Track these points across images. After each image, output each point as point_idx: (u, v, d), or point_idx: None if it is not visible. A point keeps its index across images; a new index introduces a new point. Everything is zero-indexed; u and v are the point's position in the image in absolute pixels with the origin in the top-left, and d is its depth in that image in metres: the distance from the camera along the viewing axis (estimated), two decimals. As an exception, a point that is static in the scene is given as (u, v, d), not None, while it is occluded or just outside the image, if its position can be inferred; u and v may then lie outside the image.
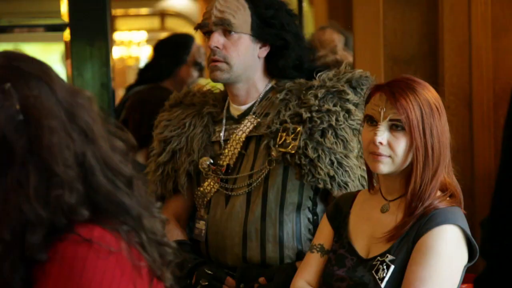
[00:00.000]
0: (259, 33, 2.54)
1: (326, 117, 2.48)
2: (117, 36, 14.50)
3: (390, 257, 2.05)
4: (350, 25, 4.02)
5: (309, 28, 8.05)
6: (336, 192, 2.46)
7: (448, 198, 2.09)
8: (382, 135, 2.06)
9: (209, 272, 2.50)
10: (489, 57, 3.40)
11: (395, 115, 2.05)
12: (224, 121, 2.63)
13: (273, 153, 2.49)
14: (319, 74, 2.56)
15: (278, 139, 2.49)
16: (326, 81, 2.53)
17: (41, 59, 1.48)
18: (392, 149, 2.06)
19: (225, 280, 2.50)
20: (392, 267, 2.04)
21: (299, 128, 2.48)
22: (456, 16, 3.42)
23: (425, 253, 2.01)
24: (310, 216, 2.53)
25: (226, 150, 2.59)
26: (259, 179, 2.52)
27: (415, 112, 2.04)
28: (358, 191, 2.29)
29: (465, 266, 2.08)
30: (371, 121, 2.10)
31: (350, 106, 2.50)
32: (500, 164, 2.91)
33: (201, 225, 2.60)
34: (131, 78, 16.64)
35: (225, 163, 2.58)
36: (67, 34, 4.35)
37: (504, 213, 2.82)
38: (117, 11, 14.32)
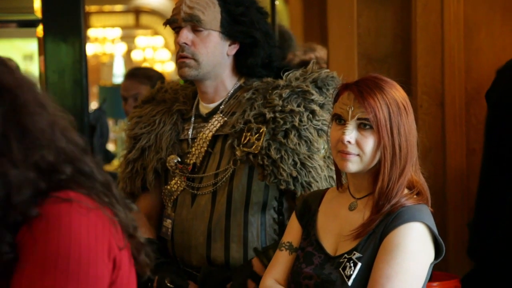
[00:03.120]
0: (229, 30, 2.52)
1: (290, 117, 2.46)
2: (91, 32, 14.43)
3: (357, 254, 2.06)
4: (324, 24, 4.03)
5: (284, 25, 8.05)
6: (300, 193, 2.45)
7: (415, 196, 2.10)
8: (350, 134, 2.07)
9: (170, 285, 2.47)
10: (461, 57, 3.42)
11: (363, 114, 2.06)
12: (192, 119, 2.62)
13: (237, 153, 2.48)
14: (286, 73, 2.55)
15: (242, 139, 2.48)
16: (292, 80, 2.52)
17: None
18: (360, 147, 2.07)
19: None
20: (359, 264, 2.05)
21: (263, 128, 2.47)
22: (428, 16, 3.45)
23: (391, 251, 2.02)
24: (275, 216, 2.52)
25: (193, 149, 2.57)
26: (224, 178, 2.51)
27: (382, 111, 2.05)
28: (327, 189, 2.29)
29: (431, 264, 2.08)
30: (339, 120, 2.10)
31: (315, 107, 2.49)
32: (482, 167, 2.94)
33: (167, 223, 2.59)
34: (105, 75, 16.55)
35: (191, 162, 2.56)
36: (40, 30, 4.32)
37: (487, 214, 2.85)
38: (91, 8, 14.26)
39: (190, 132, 2.61)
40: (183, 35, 2.50)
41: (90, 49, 14.02)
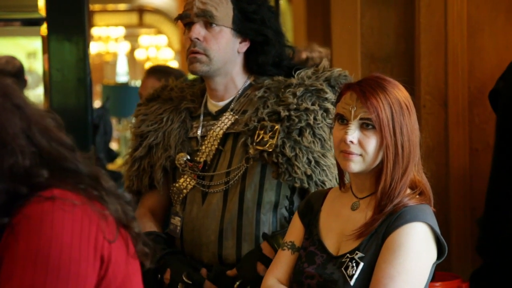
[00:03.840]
0: (240, 27, 2.52)
1: (304, 115, 2.47)
2: (95, 31, 14.45)
3: (359, 254, 2.06)
4: (328, 23, 4.03)
5: (287, 25, 8.06)
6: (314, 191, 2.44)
7: (417, 196, 2.10)
8: (353, 134, 2.06)
9: (187, 280, 2.47)
10: (464, 57, 3.42)
11: (366, 114, 2.05)
12: (201, 117, 2.61)
13: (251, 151, 2.48)
14: (297, 72, 2.55)
15: (255, 137, 2.48)
16: (304, 79, 2.52)
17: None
18: (362, 147, 2.07)
19: (203, 284, 2.48)
20: (362, 264, 2.05)
21: (277, 126, 2.47)
22: (432, 16, 3.45)
23: (394, 250, 2.01)
24: (287, 215, 2.52)
25: (203, 147, 2.57)
26: (237, 177, 2.50)
27: (385, 111, 2.05)
28: (329, 188, 2.29)
29: (433, 264, 2.08)
30: (342, 119, 2.10)
31: (328, 105, 2.49)
32: (493, 164, 2.94)
33: (176, 221, 2.58)
34: (108, 73, 16.56)
35: (202, 160, 2.56)
36: (44, 28, 4.33)
37: (498, 210, 2.85)
38: (95, 7, 14.28)
39: (199, 130, 2.60)
40: (196, 30, 2.50)
41: (94, 48, 14.03)
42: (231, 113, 2.57)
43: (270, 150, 2.46)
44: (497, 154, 2.93)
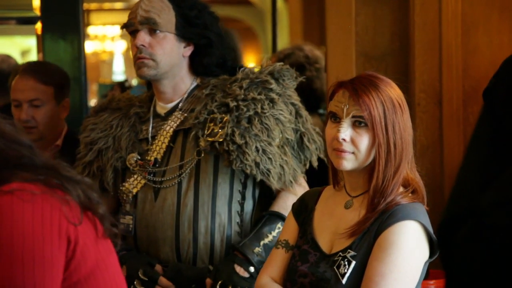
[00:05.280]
0: (184, 32, 2.63)
1: (252, 105, 2.58)
2: (91, 30, 14.44)
3: (351, 252, 2.06)
4: (323, 22, 4.03)
5: (283, 24, 8.07)
6: (259, 178, 2.56)
7: (410, 194, 2.10)
8: (345, 132, 2.07)
9: (143, 277, 2.55)
10: (459, 55, 3.42)
11: (358, 112, 2.06)
12: (151, 119, 2.70)
13: (202, 143, 2.57)
14: (242, 69, 2.68)
15: (206, 130, 2.57)
16: (249, 74, 2.64)
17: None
18: (355, 145, 2.07)
19: (158, 280, 2.56)
20: (354, 262, 2.05)
21: (226, 117, 2.56)
22: (426, 14, 3.45)
23: (385, 249, 2.02)
24: (239, 209, 2.62)
25: (154, 145, 2.66)
26: (189, 169, 2.59)
27: (377, 109, 2.05)
28: (324, 187, 2.30)
29: (426, 262, 2.08)
30: (335, 117, 2.10)
31: (274, 95, 2.61)
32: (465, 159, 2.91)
33: (127, 220, 2.66)
34: (105, 72, 16.55)
35: (152, 158, 2.64)
36: (39, 27, 4.32)
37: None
38: (91, 5, 14.26)
39: (149, 131, 2.69)
40: (140, 37, 2.62)
41: (90, 47, 14.03)
42: (180, 112, 2.67)
43: (221, 140, 2.54)
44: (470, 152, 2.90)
